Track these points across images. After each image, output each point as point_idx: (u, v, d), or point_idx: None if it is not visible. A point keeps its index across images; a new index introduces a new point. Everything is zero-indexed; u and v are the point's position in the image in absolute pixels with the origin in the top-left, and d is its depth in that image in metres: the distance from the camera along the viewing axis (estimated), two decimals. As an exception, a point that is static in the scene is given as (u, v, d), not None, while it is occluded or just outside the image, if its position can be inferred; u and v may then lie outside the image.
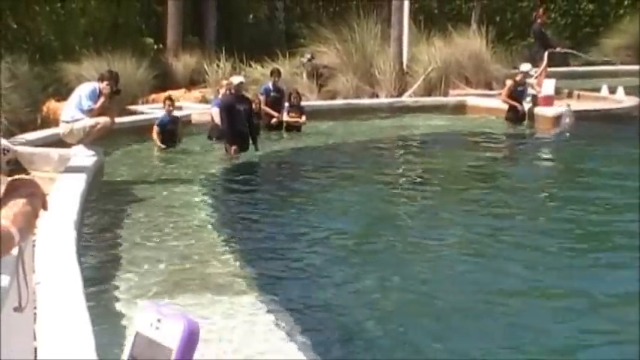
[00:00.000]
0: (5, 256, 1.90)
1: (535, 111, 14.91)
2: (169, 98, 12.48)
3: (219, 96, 13.12)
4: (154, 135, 11.82)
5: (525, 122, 14.76)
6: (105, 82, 9.54)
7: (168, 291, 5.71)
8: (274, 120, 13.63)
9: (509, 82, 15.09)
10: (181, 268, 6.31)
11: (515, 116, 14.75)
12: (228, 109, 11.51)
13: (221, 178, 10.47)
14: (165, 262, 6.41)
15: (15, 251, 1.95)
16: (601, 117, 14.79)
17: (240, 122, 11.46)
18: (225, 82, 13.63)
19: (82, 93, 9.55)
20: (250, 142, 11.60)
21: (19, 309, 2.00)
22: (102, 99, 9.45)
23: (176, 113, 12.36)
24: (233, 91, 11.75)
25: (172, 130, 11.99)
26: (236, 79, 12.03)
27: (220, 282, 5.98)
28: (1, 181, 2.12)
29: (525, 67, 15.04)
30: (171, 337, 1.23)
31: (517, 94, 14.80)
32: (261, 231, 7.83)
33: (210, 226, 7.77)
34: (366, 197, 9.47)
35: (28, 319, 2.97)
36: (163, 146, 11.74)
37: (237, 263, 6.56)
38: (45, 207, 2.03)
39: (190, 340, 1.23)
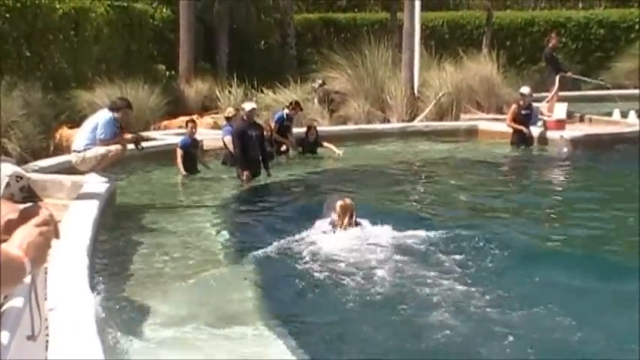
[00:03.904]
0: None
1: (547, 135, 14.97)
2: (192, 120, 12.52)
3: (224, 123, 13.18)
4: (178, 159, 11.78)
5: (535, 146, 14.77)
6: (120, 111, 9.57)
7: (181, 319, 5.69)
8: (284, 147, 13.68)
9: (513, 107, 15.11)
10: (196, 295, 6.29)
11: (520, 140, 14.74)
12: (240, 135, 11.55)
13: (234, 203, 10.46)
14: (180, 289, 6.40)
15: (27, 279, 1.95)
16: (613, 141, 14.78)
17: (252, 148, 11.51)
18: (230, 109, 13.67)
19: (97, 122, 9.53)
20: (263, 167, 11.66)
21: (32, 337, 2.00)
22: (120, 135, 9.50)
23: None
24: (245, 117, 11.78)
25: (194, 154, 12.03)
26: (248, 106, 12.05)
27: (236, 309, 5.96)
28: (15, 209, 2.13)
29: (525, 89, 15.04)
30: None
31: (522, 117, 14.78)
32: (277, 256, 7.81)
33: (224, 252, 7.75)
34: (378, 221, 9.43)
35: (40, 346, 2.98)
36: (185, 173, 11.72)
37: (253, 289, 6.53)
38: (57, 236, 2.03)
39: None
